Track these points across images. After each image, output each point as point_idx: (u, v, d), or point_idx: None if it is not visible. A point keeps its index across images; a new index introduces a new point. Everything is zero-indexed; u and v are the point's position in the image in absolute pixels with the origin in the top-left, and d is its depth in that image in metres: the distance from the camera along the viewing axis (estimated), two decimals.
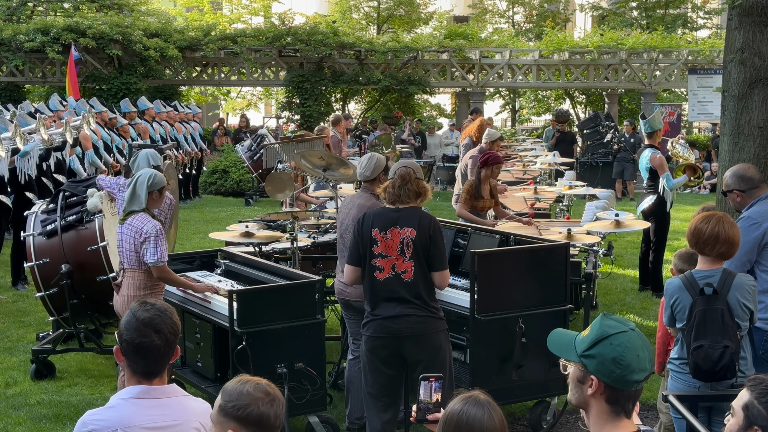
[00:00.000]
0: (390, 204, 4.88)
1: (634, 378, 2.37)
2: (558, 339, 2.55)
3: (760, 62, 6.14)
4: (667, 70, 20.75)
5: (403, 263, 4.80)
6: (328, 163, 7.41)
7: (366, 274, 4.87)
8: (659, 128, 9.14)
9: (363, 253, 4.86)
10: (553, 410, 5.86)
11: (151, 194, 5.49)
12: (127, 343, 2.97)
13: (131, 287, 5.47)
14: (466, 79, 21.17)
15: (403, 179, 4.86)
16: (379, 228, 4.82)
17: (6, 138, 8.94)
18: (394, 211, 4.85)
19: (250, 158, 16.82)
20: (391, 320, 4.81)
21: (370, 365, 4.93)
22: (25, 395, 6.52)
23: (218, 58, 20.94)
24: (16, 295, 9.44)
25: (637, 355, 2.37)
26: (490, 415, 2.60)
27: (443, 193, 18.25)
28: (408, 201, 4.86)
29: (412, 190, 4.85)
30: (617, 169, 18.01)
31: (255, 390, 2.60)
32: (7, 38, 19.46)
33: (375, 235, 4.81)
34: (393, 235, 4.80)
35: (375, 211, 4.96)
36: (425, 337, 4.83)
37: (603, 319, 2.44)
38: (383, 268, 4.81)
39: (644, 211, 9.07)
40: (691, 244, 4.37)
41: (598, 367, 2.38)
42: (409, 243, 4.80)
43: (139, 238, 5.38)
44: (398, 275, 4.80)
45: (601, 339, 2.39)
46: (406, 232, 4.81)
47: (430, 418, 2.86)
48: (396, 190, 4.85)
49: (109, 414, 2.94)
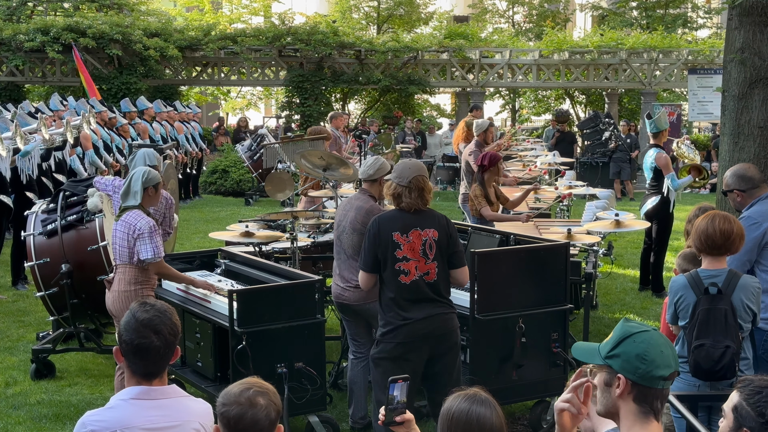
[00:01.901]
0: (406, 209, 4.89)
1: (660, 374, 2.40)
2: (583, 347, 2.59)
3: (760, 62, 6.14)
4: (667, 69, 20.75)
5: (426, 264, 4.84)
6: (328, 162, 7.41)
7: (387, 279, 4.86)
8: (665, 128, 9.11)
9: (383, 258, 4.85)
10: (552, 410, 5.86)
11: (147, 190, 5.50)
12: (127, 344, 2.97)
13: (122, 282, 5.48)
14: (466, 78, 21.17)
15: (419, 189, 4.89)
16: (400, 231, 4.83)
17: (7, 138, 8.95)
18: (410, 214, 4.89)
19: (250, 158, 16.83)
20: (423, 322, 4.85)
21: (395, 371, 4.62)
22: (25, 395, 6.52)
23: (218, 58, 20.94)
24: (17, 294, 9.45)
25: (660, 351, 2.41)
26: (496, 413, 2.63)
27: (443, 193, 18.24)
28: (424, 205, 4.93)
29: (427, 198, 4.93)
30: (614, 169, 18.02)
31: (239, 394, 2.60)
32: (7, 38, 19.45)
33: (397, 238, 4.82)
34: (414, 237, 4.83)
35: (388, 215, 4.97)
36: (451, 334, 4.97)
37: (624, 322, 2.50)
38: (409, 271, 4.82)
39: (648, 213, 9.02)
40: (701, 246, 4.34)
41: (623, 365, 2.42)
42: (432, 244, 4.85)
43: (132, 234, 5.39)
44: (421, 276, 4.85)
45: (625, 338, 2.44)
46: (428, 233, 4.85)
47: (399, 419, 2.83)
48: (414, 200, 4.87)
49: (109, 415, 2.94)
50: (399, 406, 2.83)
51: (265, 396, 2.62)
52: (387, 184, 5.10)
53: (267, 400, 2.61)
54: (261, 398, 2.60)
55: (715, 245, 4.28)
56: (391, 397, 2.83)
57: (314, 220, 7.85)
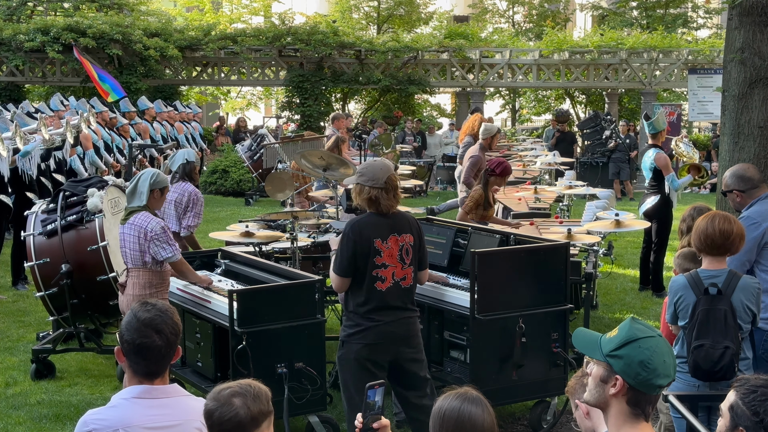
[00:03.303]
0: (384, 212, 4.73)
1: (659, 383, 2.41)
2: (583, 337, 2.58)
3: (760, 62, 6.14)
4: (668, 69, 20.75)
5: (403, 270, 4.77)
6: (328, 162, 7.41)
7: (362, 284, 4.73)
8: (663, 128, 9.14)
9: (362, 264, 4.70)
10: (553, 410, 5.86)
11: (153, 192, 5.49)
12: (128, 344, 2.97)
13: (136, 286, 5.47)
14: (466, 78, 21.17)
15: (395, 188, 4.74)
16: (381, 238, 4.71)
17: (7, 138, 8.95)
18: (385, 218, 4.75)
19: (250, 158, 16.82)
20: (393, 325, 4.79)
21: (361, 372, 4.74)
22: (25, 395, 6.52)
23: (218, 58, 20.94)
24: (17, 294, 9.44)
25: (663, 360, 2.41)
26: (488, 411, 2.64)
27: (443, 193, 18.24)
28: (396, 206, 4.80)
29: (399, 195, 4.79)
30: (613, 170, 18.02)
31: (220, 391, 2.68)
32: (7, 38, 19.45)
33: (378, 245, 4.71)
34: (392, 243, 4.74)
35: (366, 220, 4.77)
36: (417, 336, 4.96)
37: (632, 322, 2.48)
38: (385, 278, 4.74)
39: (647, 212, 9.03)
40: (701, 246, 4.34)
41: (624, 368, 2.41)
42: (409, 249, 4.78)
43: (143, 237, 5.38)
44: (398, 282, 4.77)
45: (630, 341, 2.43)
46: (405, 238, 4.77)
47: (376, 426, 2.81)
48: (391, 201, 4.73)
49: (110, 413, 2.94)
50: (378, 412, 2.82)
51: (243, 398, 2.63)
52: (357, 189, 4.76)
53: (243, 402, 2.63)
54: (237, 399, 2.63)
55: (715, 245, 4.28)
56: (372, 403, 2.81)
57: (314, 220, 7.86)
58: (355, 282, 4.75)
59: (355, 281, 4.75)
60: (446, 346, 5.95)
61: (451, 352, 5.91)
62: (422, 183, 16.50)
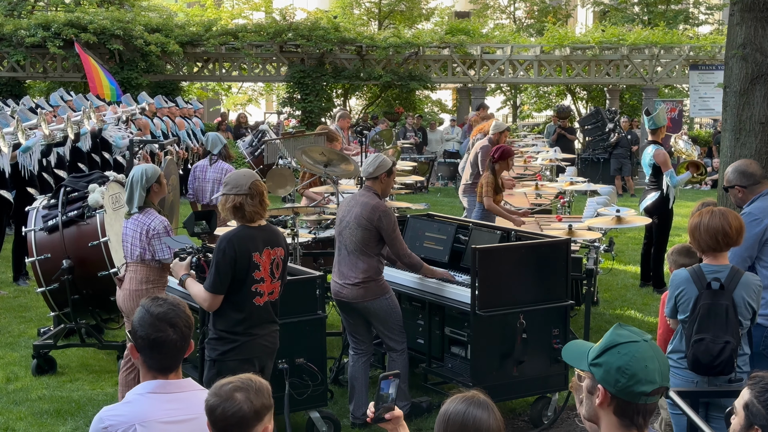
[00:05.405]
0: (250, 220, 4.51)
1: (640, 389, 2.25)
2: (573, 349, 2.45)
3: (762, 58, 6.12)
4: (669, 65, 20.72)
5: (272, 284, 4.60)
6: (329, 158, 7.41)
7: (239, 300, 4.50)
8: (663, 125, 9.14)
9: (241, 279, 4.47)
10: (553, 406, 5.87)
11: (151, 188, 5.47)
12: (143, 339, 2.96)
13: (134, 281, 5.46)
14: (468, 74, 21.15)
15: (261, 194, 4.51)
16: (259, 251, 4.50)
17: (8, 133, 8.95)
18: (258, 230, 4.55)
19: (251, 154, 16.80)
20: (266, 338, 4.64)
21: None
22: (26, 390, 6.53)
23: (219, 54, 20.92)
24: (18, 290, 9.45)
25: (645, 366, 2.26)
26: (494, 416, 2.58)
27: (444, 189, 18.24)
28: (264, 214, 4.59)
29: (266, 203, 4.56)
30: (615, 166, 18.02)
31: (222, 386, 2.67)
32: (8, 33, 19.43)
33: (257, 259, 4.49)
34: (266, 257, 4.55)
35: (241, 233, 4.52)
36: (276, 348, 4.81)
37: (616, 328, 2.35)
38: (263, 292, 4.56)
39: (647, 208, 9.04)
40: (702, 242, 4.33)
41: (603, 375, 2.29)
42: (279, 263, 4.63)
43: (145, 233, 5.37)
44: (269, 296, 4.62)
45: (610, 347, 2.30)
46: (276, 252, 4.60)
47: (389, 417, 2.81)
48: (257, 207, 4.49)
49: (126, 409, 2.94)
50: (390, 403, 2.82)
51: (246, 392, 2.62)
52: (222, 199, 4.55)
53: (246, 396, 2.61)
54: (240, 394, 2.62)
55: (715, 240, 4.28)
56: (386, 395, 2.82)
57: (315, 216, 7.86)
58: (231, 298, 4.50)
59: (230, 297, 4.50)
60: (447, 342, 5.96)
61: (451, 348, 5.92)
62: (423, 179, 16.53)
